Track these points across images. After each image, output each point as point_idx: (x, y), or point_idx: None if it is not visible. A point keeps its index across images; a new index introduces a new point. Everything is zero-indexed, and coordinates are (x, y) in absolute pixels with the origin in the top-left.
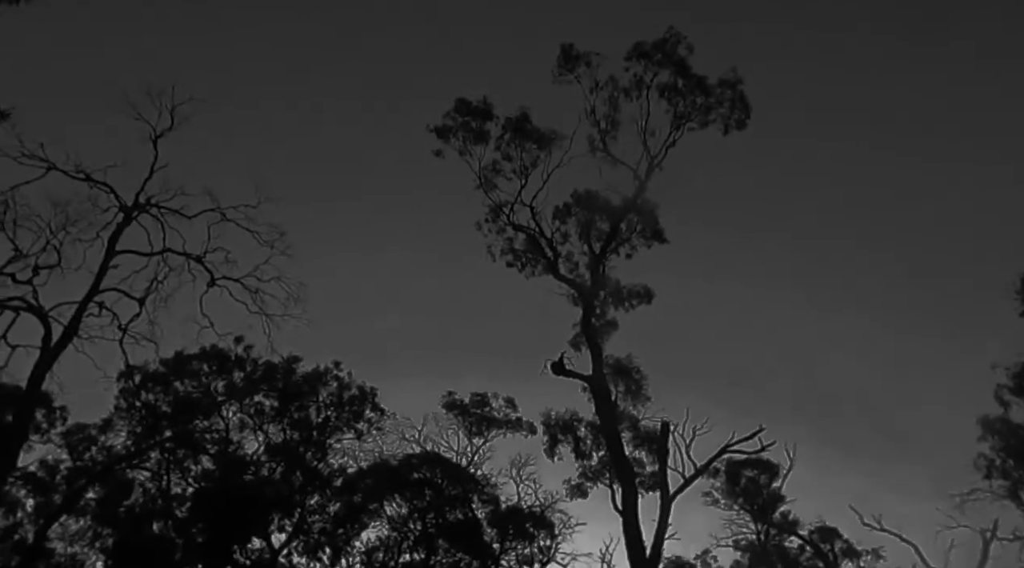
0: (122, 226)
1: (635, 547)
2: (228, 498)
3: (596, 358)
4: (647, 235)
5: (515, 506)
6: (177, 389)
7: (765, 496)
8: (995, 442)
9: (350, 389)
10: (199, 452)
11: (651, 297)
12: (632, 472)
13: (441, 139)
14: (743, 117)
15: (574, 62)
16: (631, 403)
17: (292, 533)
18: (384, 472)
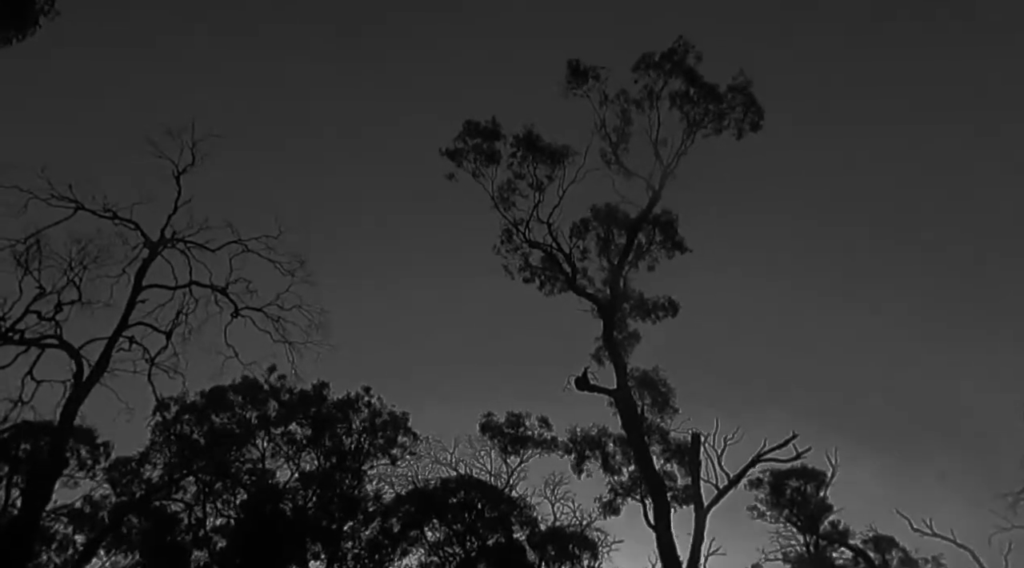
0: (148, 261)
1: (670, 563)
2: (264, 528)
3: (620, 371)
4: (668, 246)
5: (556, 527)
6: (213, 421)
7: (812, 506)
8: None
9: (381, 415)
10: (236, 483)
11: (676, 310)
12: (663, 486)
13: (454, 162)
14: (756, 119)
15: (582, 77)
16: (658, 415)
17: (329, 561)
18: (422, 497)
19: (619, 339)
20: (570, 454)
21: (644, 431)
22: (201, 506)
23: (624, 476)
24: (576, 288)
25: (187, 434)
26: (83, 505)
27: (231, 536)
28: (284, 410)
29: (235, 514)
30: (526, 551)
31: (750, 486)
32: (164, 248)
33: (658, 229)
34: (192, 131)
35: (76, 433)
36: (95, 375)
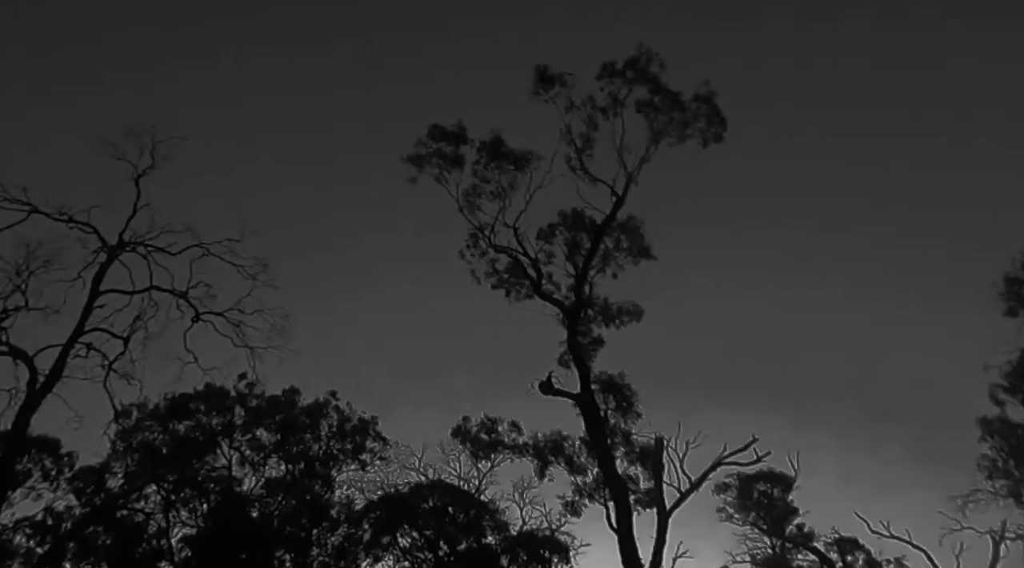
0: (105, 266)
1: (632, 565)
2: (230, 537)
3: (583, 376)
4: (634, 252)
5: (526, 531)
6: (176, 428)
7: (778, 509)
8: (995, 442)
9: (351, 420)
10: (201, 491)
11: (640, 315)
12: (625, 489)
13: (416, 167)
14: (720, 131)
15: (549, 83)
16: (622, 419)
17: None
18: (393, 502)
19: (583, 344)
20: (534, 459)
21: (607, 435)
22: (164, 516)
23: (588, 478)
24: (541, 293)
25: (149, 442)
26: (44, 517)
27: (196, 546)
28: (251, 416)
29: (200, 523)
30: (498, 556)
31: (718, 490)
32: (123, 252)
33: (625, 235)
34: (152, 133)
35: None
36: (50, 382)
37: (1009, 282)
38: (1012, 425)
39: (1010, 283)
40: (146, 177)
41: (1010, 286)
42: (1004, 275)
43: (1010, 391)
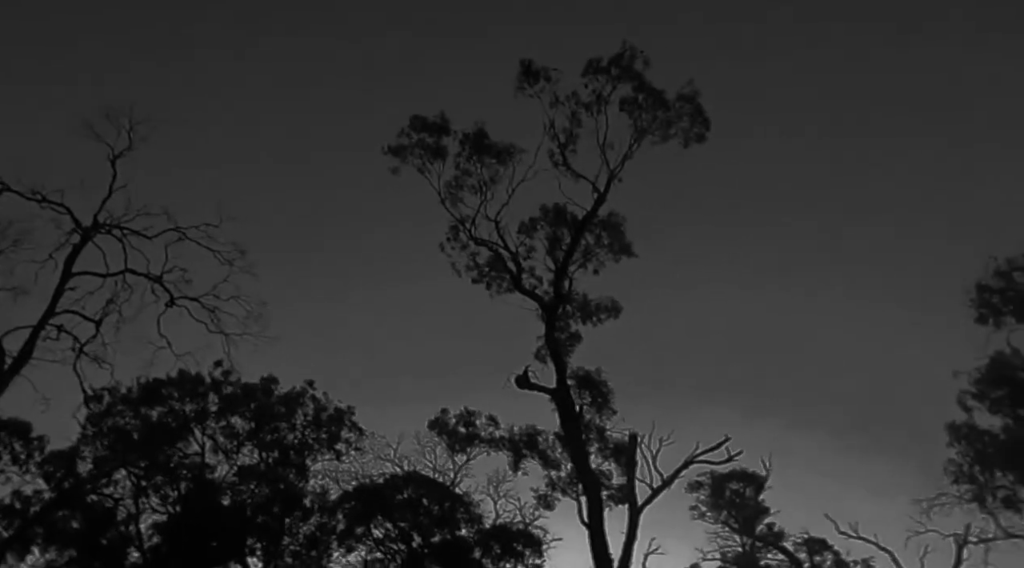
0: (79, 247)
1: (602, 560)
2: (201, 524)
3: (560, 371)
4: (615, 249)
5: (500, 524)
6: (148, 414)
7: (749, 508)
8: (962, 448)
9: (327, 410)
10: (173, 477)
11: (619, 311)
12: (598, 484)
13: (398, 157)
14: (703, 131)
15: (534, 77)
16: (597, 415)
17: (267, 557)
18: (368, 494)
19: (561, 339)
20: (509, 452)
21: (582, 430)
22: (134, 501)
23: (562, 472)
24: (521, 287)
25: (120, 427)
26: (12, 500)
27: (166, 533)
28: (225, 404)
29: (171, 510)
30: (472, 548)
31: (691, 488)
32: (97, 234)
33: (606, 232)
34: (131, 114)
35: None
36: (18, 364)
37: (980, 289)
38: (979, 432)
39: (981, 290)
40: (123, 159)
41: (981, 293)
42: (976, 282)
43: (978, 398)
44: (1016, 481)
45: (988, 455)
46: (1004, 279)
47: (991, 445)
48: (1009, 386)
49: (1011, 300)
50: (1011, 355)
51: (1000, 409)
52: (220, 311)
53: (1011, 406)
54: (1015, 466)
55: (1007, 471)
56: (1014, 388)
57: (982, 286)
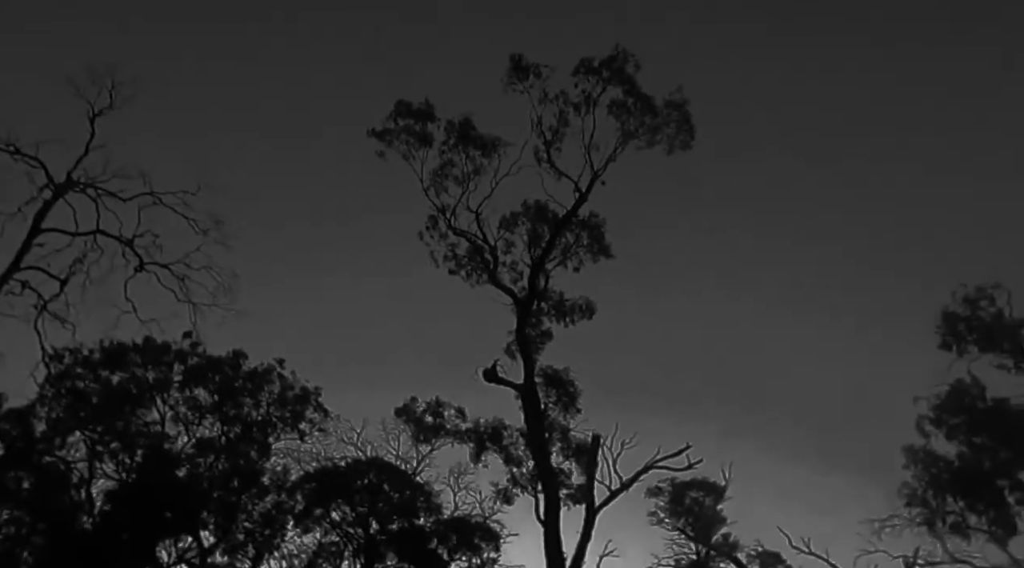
0: (50, 203)
1: (554, 558)
2: (155, 494)
3: (528, 367)
4: (594, 249)
5: (459, 516)
6: (109, 378)
7: (706, 517)
8: (917, 471)
9: (293, 389)
10: (130, 444)
11: (593, 312)
12: (556, 481)
13: (383, 142)
14: (688, 139)
15: (523, 73)
16: (562, 414)
17: (221, 532)
18: (330, 476)
19: (532, 336)
20: (472, 443)
21: (545, 427)
22: (88, 466)
23: (524, 468)
24: (495, 281)
25: (79, 389)
26: None
27: (118, 500)
28: (190, 375)
29: (125, 477)
30: (431, 538)
31: (651, 494)
32: (69, 191)
33: (586, 232)
34: (113, 73)
35: None
36: None
37: (947, 316)
38: (935, 457)
39: (947, 318)
40: (103, 118)
41: (947, 321)
42: (943, 309)
43: (936, 423)
44: (966, 507)
45: (942, 480)
46: (971, 307)
47: (945, 471)
48: (967, 414)
49: (976, 329)
50: (971, 384)
51: (956, 436)
52: (190, 280)
53: (967, 434)
54: (966, 493)
55: (958, 497)
56: (971, 416)
57: (948, 313)
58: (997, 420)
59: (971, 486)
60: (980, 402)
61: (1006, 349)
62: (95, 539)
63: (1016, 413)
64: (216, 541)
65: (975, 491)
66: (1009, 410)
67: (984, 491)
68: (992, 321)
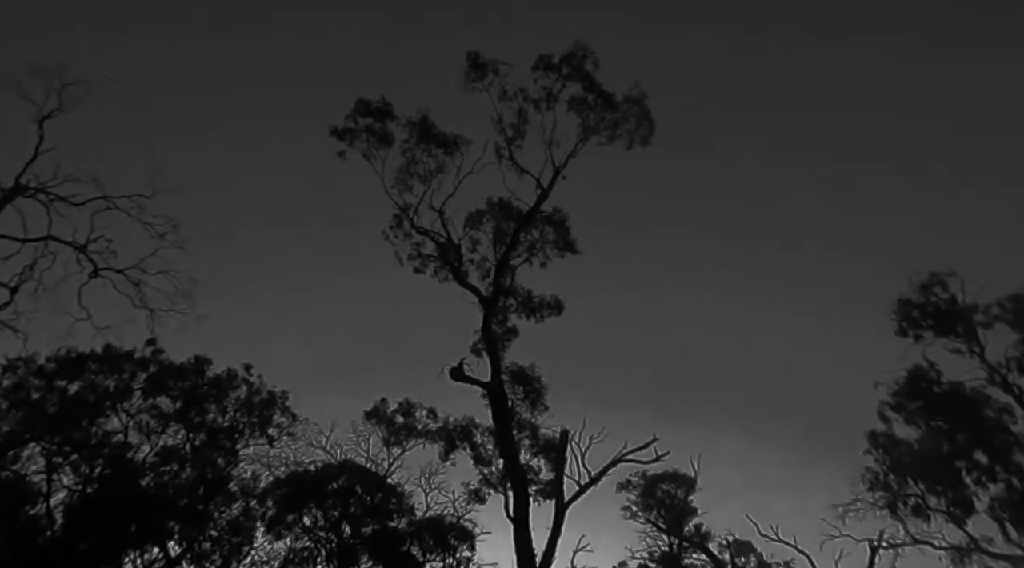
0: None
1: (524, 554)
2: (120, 504)
3: (495, 365)
4: (560, 245)
5: (433, 517)
6: (66, 388)
7: (677, 509)
8: (879, 456)
9: (260, 394)
10: (91, 455)
11: (561, 309)
12: (525, 478)
13: (343, 141)
14: (647, 134)
15: (481, 70)
16: (530, 411)
17: (188, 541)
18: (302, 480)
19: (498, 333)
20: (442, 442)
21: (514, 424)
22: (47, 478)
23: (494, 467)
24: (460, 279)
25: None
26: None
27: (80, 512)
28: (152, 382)
29: (86, 488)
30: (405, 540)
31: (623, 488)
32: (18, 196)
33: (551, 228)
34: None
35: None
36: None
37: (902, 303)
38: (896, 441)
39: (903, 304)
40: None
41: (902, 307)
42: (898, 296)
43: (896, 409)
44: (926, 490)
45: (903, 464)
46: (925, 294)
47: (906, 454)
48: (924, 398)
49: (931, 315)
50: (928, 368)
51: (915, 420)
52: (146, 285)
53: (925, 418)
54: (926, 475)
55: (918, 480)
56: (928, 400)
57: (903, 300)
58: (953, 403)
59: (930, 468)
60: (936, 386)
61: (960, 333)
62: (55, 553)
63: (970, 396)
64: (183, 551)
65: (934, 473)
66: (964, 393)
67: (943, 473)
68: (946, 307)
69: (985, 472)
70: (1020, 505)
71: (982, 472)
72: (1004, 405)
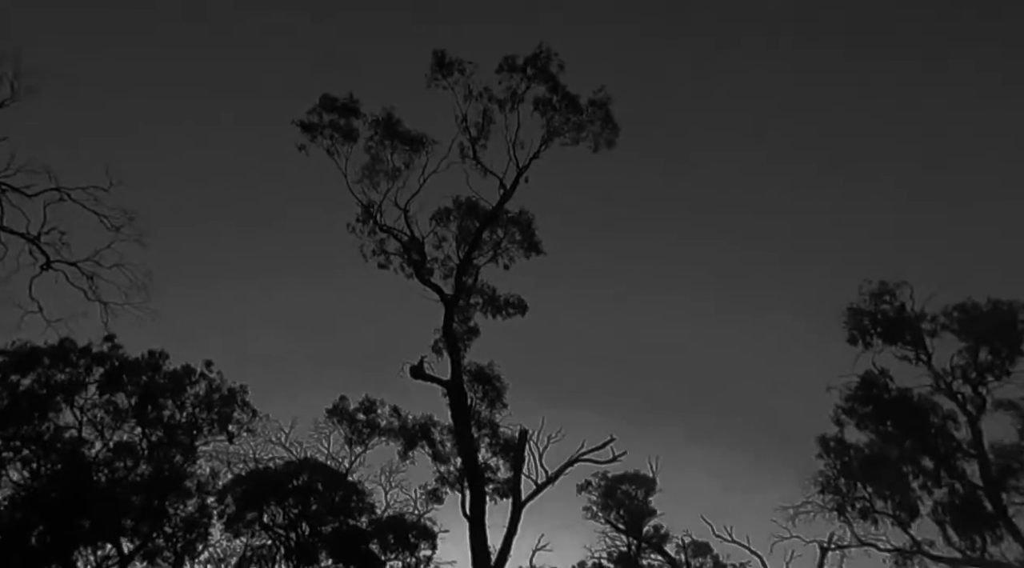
0: None
1: (480, 553)
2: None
3: (455, 363)
4: (525, 246)
5: (395, 515)
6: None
7: (636, 510)
8: (830, 460)
9: (220, 390)
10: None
11: (525, 309)
12: (482, 477)
13: (307, 135)
14: (612, 137)
15: (447, 69)
16: (489, 410)
17: (143, 537)
18: (262, 478)
19: (459, 332)
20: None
21: (473, 423)
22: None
23: (452, 465)
24: (422, 277)
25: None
26: None
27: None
28: (107, 377)
29: (36, 484)
30: (366, 538)
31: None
32: None
33: (516, 229)
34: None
35: None
36: None
37: (852, 312)
38: (846, 445)
39: (853, 313)
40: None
41: (853, 316)
42: (848, 304)
43: (848, 414)
44: (874, 493)
45: (852, 468)
46: (875, 303)
47: (856, 458)
48: (875, 404)
49: (880, 323)
50: (879, 374)
51: (866, 425)
52: (99, 278)
53: (875, 423)
54: (873, 479)
55: (867, 483)
56: (879, 406)
57: (854, 309)
58: (901, 410)
59: (879, 472)
60: (886, 393)
61: (908, 341)
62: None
63: (918, 403)
64: (135, 547)
65: (882, 477)
66: (911, 400)
67: (890, 477)
68: (895, 315)
69: (931, 477)
70: (961, 509)
71: (928, 477)
72: (948, 412)
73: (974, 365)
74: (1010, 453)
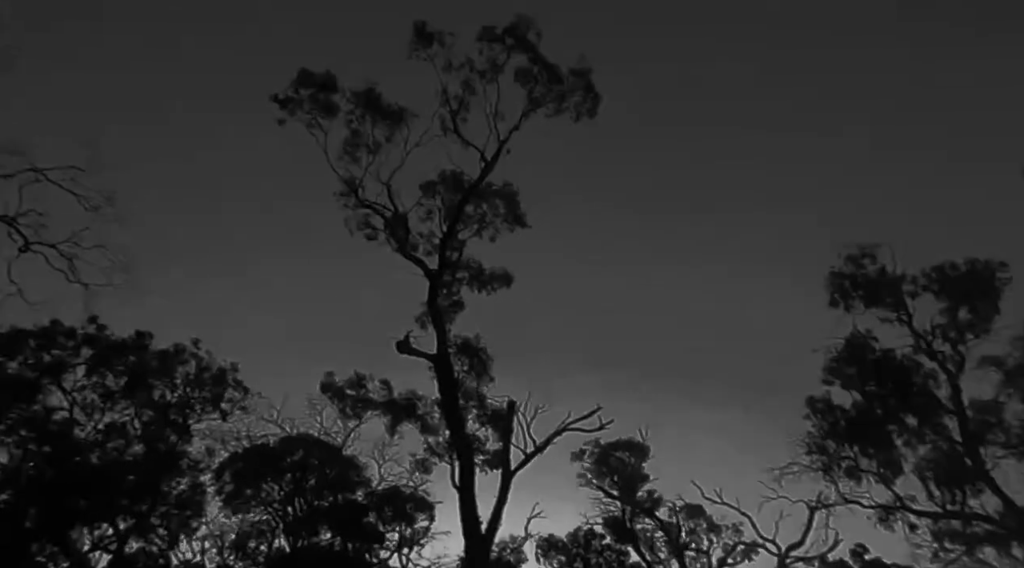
0: None
1: (470, 522)
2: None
3: (441, 336)
4: (510, 219)
5: (393, 487)
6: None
7: (630, 476)
8: (817, 421)
9: (211, 369)
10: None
11: (510, 281)
12: (471, 447)
13: (285, 110)
14: (593, 106)
15: (427, 40)
16: (476, 382)
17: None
18: (260, 454)
19: (443, 306)
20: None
21: (460, 395)
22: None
23: (440, 437)
24: (405, 252)
25: None
26: None
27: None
28: (96, 359)
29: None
30: (365, 511)
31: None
32: None
33: (501, 201)
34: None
35: None
36: None
37: (833, 275)
38: (833, 406)
39: (834, 276)
40: None
41: (834, 279)
42: (829, 268)
43: (834, 374)
44: (859, 452)
45: (839, 428)
46: (855, 265)
47: (842, 419)
48: (859, 365)
49: (860, 285)
50: (863, 336)
51: (852, 386)
52: (79, 260)
53: (860, 383)
54: (859, 438)
55: (852, 443)
56: (863, 367)
57: (835, 272)
58: (885, 370)
59: (864, 432)
60: (870, 353)
61: (888, 303)
62: None
63: (900, 362)
64: (130, 526)
65: (867, 436)
66: (895, 360)
67: (875, 436)
68: (876, 277)
69: (914, 434)
70: (943, 465)
71: (911, 435)
72: (929, 371)
73: (954, 324)
74: (989, 409)
